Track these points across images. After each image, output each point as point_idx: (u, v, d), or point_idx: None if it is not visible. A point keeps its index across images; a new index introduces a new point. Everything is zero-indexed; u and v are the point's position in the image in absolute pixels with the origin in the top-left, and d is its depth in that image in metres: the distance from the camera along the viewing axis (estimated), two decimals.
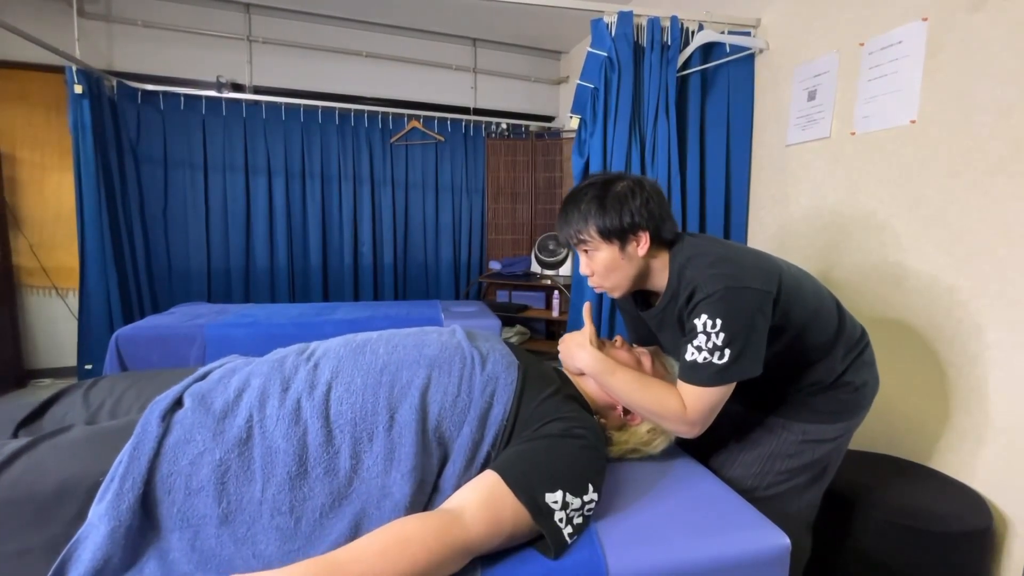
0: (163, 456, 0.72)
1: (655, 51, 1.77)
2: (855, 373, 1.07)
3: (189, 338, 2.15)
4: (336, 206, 3.28)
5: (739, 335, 0.89)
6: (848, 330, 1.07)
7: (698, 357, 0.90)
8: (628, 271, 1.01)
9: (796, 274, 1.05)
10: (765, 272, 0.95)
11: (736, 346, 0.88)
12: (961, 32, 1.31)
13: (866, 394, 1.10)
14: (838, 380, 1.06)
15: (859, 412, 1.10)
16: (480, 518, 0.71)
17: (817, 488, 1.12)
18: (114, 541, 0.65)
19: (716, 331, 0.88)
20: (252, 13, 3.11)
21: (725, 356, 0.89)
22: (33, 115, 2.89)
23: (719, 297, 0.89)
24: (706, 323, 0.89)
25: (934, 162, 1.37)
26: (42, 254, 2.95)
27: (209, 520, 0.70)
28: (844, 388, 1.06)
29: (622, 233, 0.98)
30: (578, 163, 1.84)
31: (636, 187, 0.99)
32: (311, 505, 0.73)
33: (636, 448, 1.06)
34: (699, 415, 0.92)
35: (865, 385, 1.09)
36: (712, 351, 0.89)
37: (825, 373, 1.05)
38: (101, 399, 0.92)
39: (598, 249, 1.01)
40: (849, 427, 1.10)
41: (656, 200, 1.00)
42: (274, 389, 0.81)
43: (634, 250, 0.99)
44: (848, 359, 1.06)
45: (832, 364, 1.05)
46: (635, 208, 0.97)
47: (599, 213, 0.98)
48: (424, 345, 0.91)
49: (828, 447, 1.08)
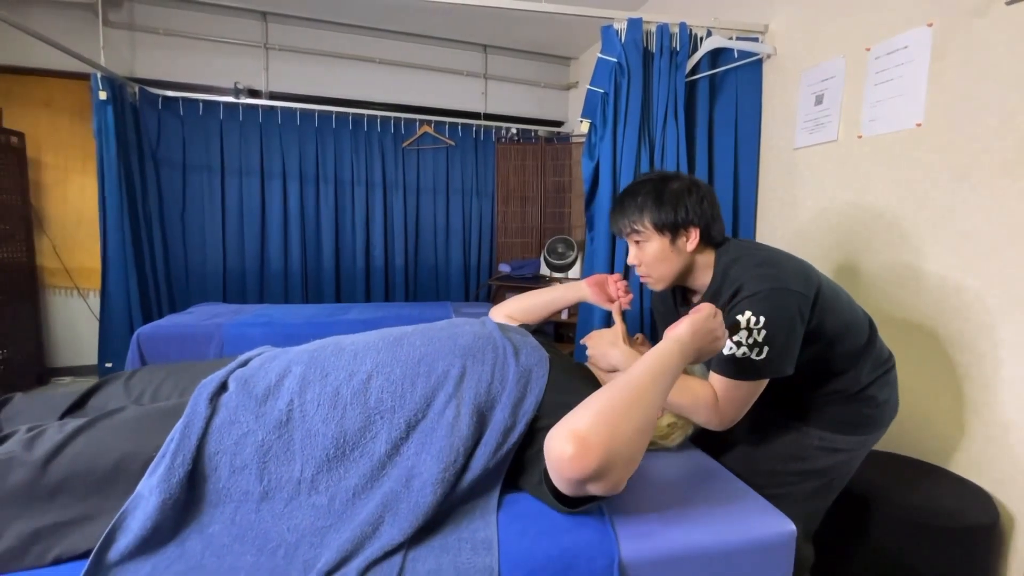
0: (210, 435, 0.77)
1: (664, 57, 1.81)
2: (879, 389, 1.09)
3: (207, 336, 2.22)
4: (349, 209, 3.34)
5: (779, 334, 0.92)
6: (878, 348, 1.10)
7: (737, 352, 0.93)
8: (675, 264, 1.05)
9: (833, 286, 1.08)
10: (807, 278, 0.99)
11: (775, 344, 0.92)
12: (966, 37, 1.33)
13: (886, 412, 1.12)
14: (861, 392, 1.08)
15: (876, 429, 1.12)
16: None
17: (822, 499, 1.13)
18: (163, 512, 0.70)
19: (759, 328, 0.92)
20: (269, 21, 3.19)
21: (763, 353, 0.92)
22: (58, 121, 2.99)
23: (764, 296, 0.93)
24: (750, 319, 0.92)
25: (941, 164, 1.40)
26: (65, 255, 3.04)
27: (250, 496, 0.75)
28: (867, 402, 1.08)
29: (675, 227, 1.02)
30: (588, 166, 1.87)
31: (692, 186, 1.04)
32: (345, 485, 0.77)
33: (653, 440, 1.09)
34: (731, 408, 0.96)
35: (887, 403, 1.11)
36: (752, 347, 0.92)
37: (850, 383, 1.07)
38: (141, 388, 0.97)
39: (649, 240, 1.05)
40: (864, 442, 1.12)
41: (709, 200, 1.04)
42: (314, 376, 0.85)
43: (683, 245, 1.03)
44: (874, 374, 1.09)
45: (858, 375, 1.07)
46: (690, 205, 1.02)
47: (655, 206, 1.02)
48: (458, 336, 0.95)
49: (840, 457, 1.10)
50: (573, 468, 0.66)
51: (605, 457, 0.65)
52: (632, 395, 0.72)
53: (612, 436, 0.67)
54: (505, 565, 0.73)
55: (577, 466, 0.65)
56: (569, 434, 0.67)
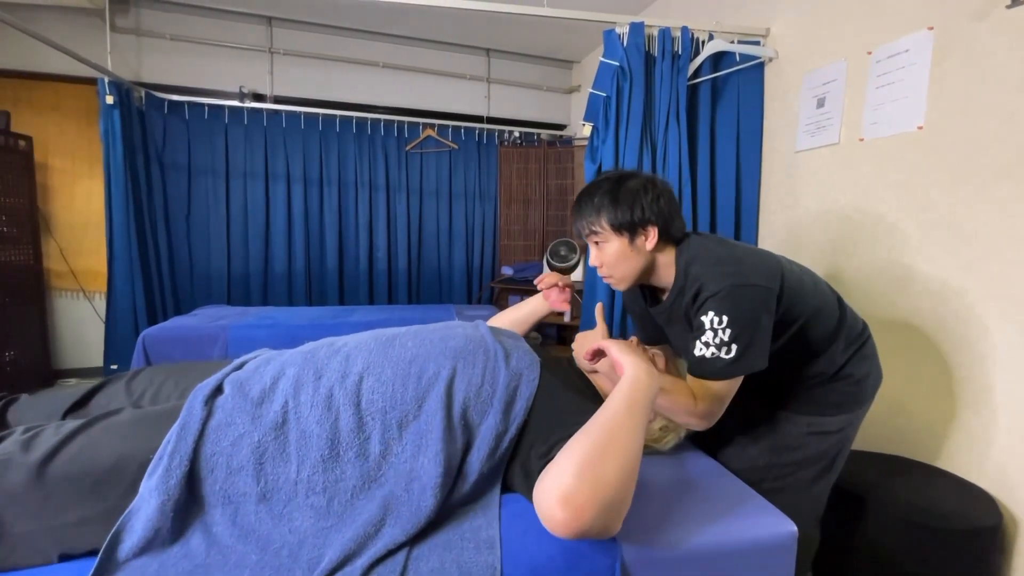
0: (207, 437, 0.77)
1: (666, 60, 1.82)
2: (856, 366, 1.10)
3: (212, 338, 2.23)
4: (352, 212, 3.36)
5: (745, 331, 0.92)
6: (849, 323, 1.10)
7: (706, 352, 0.94)
8: (636, 264, 1.06)
9: (796, 271, 1.08)
10: (768, 269, 0.99)
11: (742, 341, 0.92)
12: (967, 40, 1.34)
13: (868, 386, 1.13)
14: (839, 372, 1.09)
15: (862, 404, 1.13)
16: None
17: (825, 481, 1.14)
18: (163, 514, 0.71)
19: (723, 327, 0.92)
20: (274, 26, 3.21)
21: (732, 351, 0.92)
22: (65, 125, 3.01)
23: (725, 295, 0.93)
24: (713, 320, 0.93)
25: (941, 167, 1.40)
26: (71, 258, 3.06)
27: (248, 497, 0.75)
28: (846, 380, 1.09)
29: (632, 226, 1.02)
30: (590, 169, 1.88)
31: (648, 184, 1.04)
32: (343, 486, 0.78)
33: (647, 445, 1.10)
34: (709, 407, 0.96)
35: (867, 377, 1.12)
36: (719, 346, 0.93)
37: (827, 365, 1.08)
38: (142, 388, 0.98)
39: (608, 241, 1.05)
40: (853, 419, 1.12)
41: (666, 198, 1.04)
42: (308, 378, 0.86)
43: (642, 243, 1.04)
44: (849, 351, 1.09)
45: (833, 356, 1.08)
46: (646, 203, 1.01)
47: (612, 206, 1.02)
48: (450, 338, 0.95)
49: (833, 439, 1.11)
50: (568, 531, 0.66)
51: (597, 515, 0.65)
52: (609, 437, 0.71)
53: (598, 488, 0.66)
54: (507, 563, 0.74)
55: (572, 529, 0.65)
56: (558, 499, 0.65)
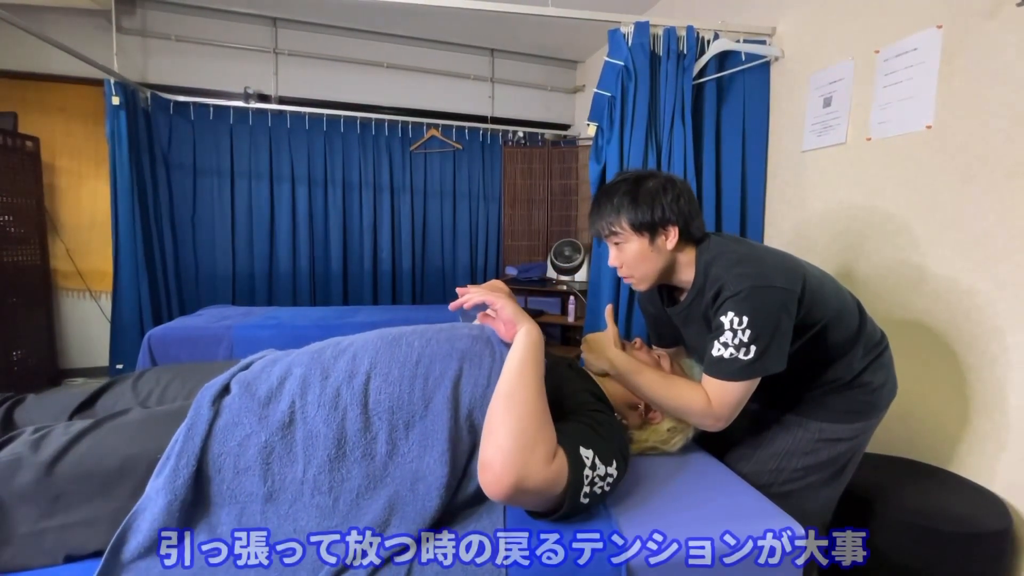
0: (214, 437, 0.77)
1: (671, 60, 1.81)
2: (873, 373, 1.08)
3: (217, 338, 2.24)
4: (357, 212, 3.36)
5: (765, 332, 0.91)
6: (868, 331, 1.09)
7: (724, 353, 0.93)
8: (656, 264, 1.05)
9: (817, 274, 1.07)
10: (790, 271, 0.98)
11: (762, 343, 0.91)
12: (975, 39, 1.32)
13: (883, 396, 1.11)
14: (856, 379, 1.07)
15: (876, 414, 1.12)
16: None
17: (834, 488, 1.13)
18: (170, 513, 0.71)
19: (742, 328, 0.91)
20: (279, 27, 3.22)
21: (751, 352, 0.91)
22: (72, 126, 3.03)
23: (745, 295, 0.92)
24: (732, 320, 0.92)
25: (950, 167, 1.39)
26: (77, 258, 3.08)
27: (255, 497, 0.75)
28: (862, 388, 1.08)
29: (652, 226, 1.02)
30: (595, 169, 1.88)
31: (668, 184, 1.03)
32: (348, 486, 0.78)
33: (655, 446, 1.10)
34: (725, 408, 0.95)
35: (883, 387, 1.10)
36: (738, 347, 0.92)
37: (844, 371, 1.07)
38: (149, 389, 0.98)
39: (628, 241, 1.04)
40: (866, 428, 1.11)
41: (686, 197, 1.04)
42: (315, 378, 0.86)
43: (663, 243, 1.03)
44: (867, 359, 1.08)
45: (851, 362, 1.06)
46: (666, 203, 1.01)
47: (631, 206, 1.02)
48: (456, 339, 0.95)
49: (844, 446, 1.10)
50: (493, 491, 0.71)
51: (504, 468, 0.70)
52: (506, 401, 0.77)
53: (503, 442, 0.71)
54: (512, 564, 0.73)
55: (494, 487, 0.71)
56: (479, 470, 0.73)
